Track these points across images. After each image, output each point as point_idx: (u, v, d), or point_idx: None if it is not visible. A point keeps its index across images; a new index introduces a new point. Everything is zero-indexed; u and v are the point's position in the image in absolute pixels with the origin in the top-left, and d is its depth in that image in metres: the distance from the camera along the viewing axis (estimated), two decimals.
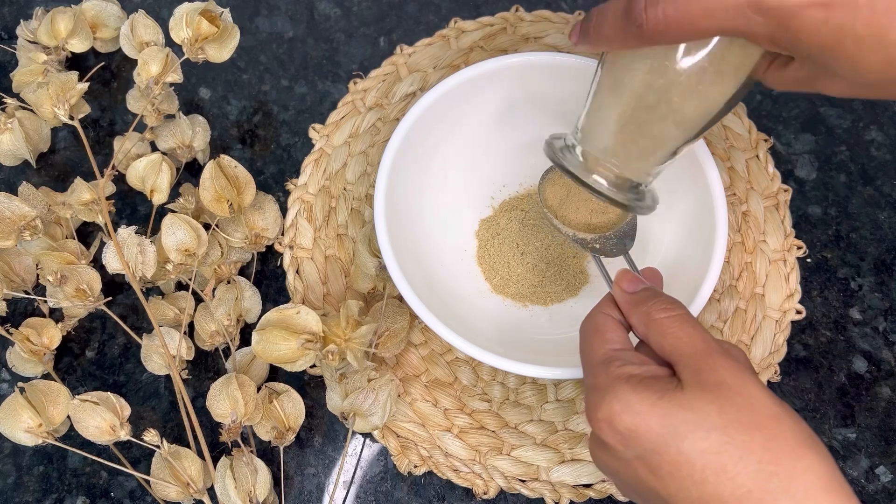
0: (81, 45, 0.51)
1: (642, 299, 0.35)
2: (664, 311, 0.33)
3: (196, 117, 0.50)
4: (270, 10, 0.57)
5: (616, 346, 0.34)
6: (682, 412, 0.29)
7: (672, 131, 0.35)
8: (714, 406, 0.29)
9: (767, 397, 0.30)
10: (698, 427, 0.29)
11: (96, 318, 0.49)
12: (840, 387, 0.47)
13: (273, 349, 0.41)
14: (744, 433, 0.29)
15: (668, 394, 0.30)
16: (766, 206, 0.50)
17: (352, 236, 0.50)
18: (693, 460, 0.29)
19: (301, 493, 0.46)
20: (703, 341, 0.32)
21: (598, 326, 0.35)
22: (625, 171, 0.37)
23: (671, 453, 0.29)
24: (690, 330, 0.32)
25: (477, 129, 0.49)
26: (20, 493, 0.46)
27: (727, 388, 0.30)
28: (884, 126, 0.53)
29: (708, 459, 0.29)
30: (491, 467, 0.45)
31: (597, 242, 0.42)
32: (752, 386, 0.30)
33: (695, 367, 0.31)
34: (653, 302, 0.34)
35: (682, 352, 0.32)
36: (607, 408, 0.31)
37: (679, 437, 0.29)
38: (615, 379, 0.32)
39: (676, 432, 0.29)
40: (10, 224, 0.43)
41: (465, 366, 0.48)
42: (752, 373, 0.31)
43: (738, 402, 0.29)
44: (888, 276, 0.49)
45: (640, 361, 0.33)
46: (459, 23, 0.55)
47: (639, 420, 0.30)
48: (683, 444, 0.29)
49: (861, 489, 0.45)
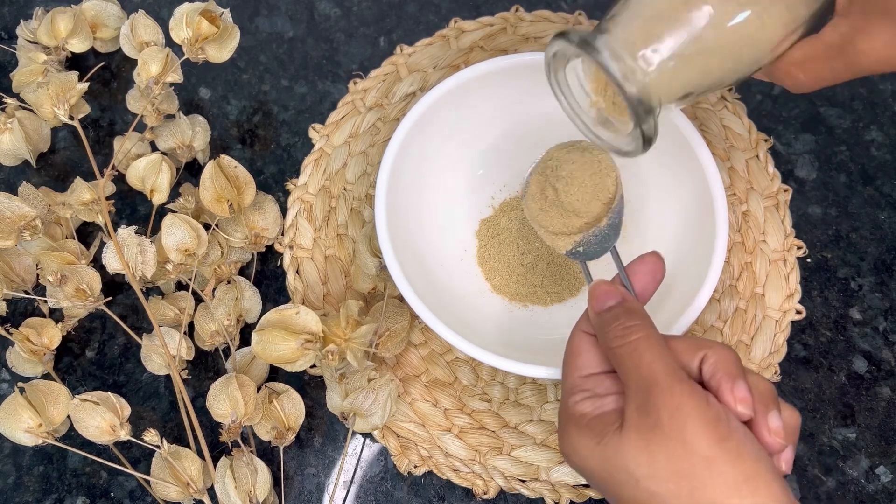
0: (81, 45, 0.51)
1: (605, 322, 0.34)
2: (618, 338, 0.33)
3: (196, 117, 0.50)
4: (270, 10, 0.57)
5: (585, 372, 0.34)
6: (616, 458, 0.30)
7: (728, 64, 0.34)
8: (645, 455, 0.29)
9: (703, 438, 0.29)
10: (630, 476, 0.30)
11: (96, 318, 0.49)
12: (840, 387, 0.47)
13: (273, 349, 0.41)
14: (671, 483, 0.29)
15: (606, 438, 0.31)
16: (766, 206, 0.50)
17: (352, 236, 0.50)
18: (636, 499, 0.30)
19: (301, 493, 0.46)
20: (654, 372, 0.31)
21: (573, 349, 0.36)
22: (647, 84, 0.33)
23: (615, 493, 0.31)
24: (645, 359, 0.31)
25: (477, 129, 0.49)
26: (20, 493, 0.46)
27: (661, 432, 0.29)
28: (884, 126, 0.53)
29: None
30: (491, 467, 0.45)
31: (580, 246, 0.41)
32: (690, 427, 0.29)
33: (638, 404, 0.31)
34: (611, 328, 0.33)
35: (632, 386, 0.31)
36: (562, 446, 0.34)
37: (616, 482, 0.30)
38: (568, 418, 0.33)
39: (612, 477, 0.30)
40: (10, 224, 0.43)
41: (465, 366, 0.48)
42: (698, 407, 0.29)
43: (670, 447, 0.29)
44: (888, 276, 0.49)
45: (601, 391, 0.33)
46: (459, 23, 0.55)
47: (584, 463, 0.32)
48: (620, 488, 0.30)
49: (861, 489, 0.45)
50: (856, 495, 0.45)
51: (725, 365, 0.32)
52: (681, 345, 0.33)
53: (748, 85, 0.54)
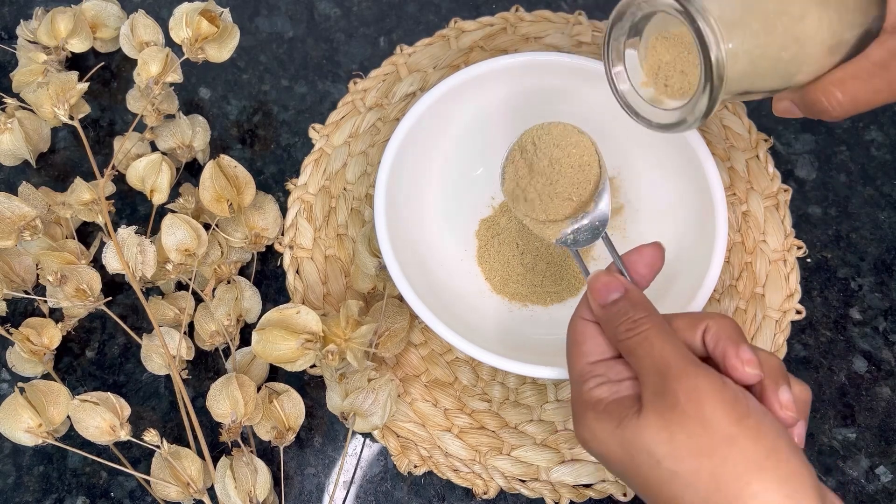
0: (81, 45, 0.51)
1: (613, 316, 0.34)
2: (629, 330, 0.33)
3: (196, 117, 0.50)
4: (270, 10, 0.57)
5: (593, 358, 0.34)
6: (637, 440, 0.30)
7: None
8: (665, 434, 0.30)
9: (723, 417, 0.29)
10: (650, 456, 0.30)
11: (96, 318, 0.49)
12: (840, 387, 0.47)
13: (273, 349, 0.41)
14: (692, 461, 0.29)
15: (625, 421, 0.31)
16: (766, 206, 0.50)
17: (352, 236, 0.50)
18: (651, 485, 0.30)
19: (301, 493, 0.46)
20: (667, 358, 0.31)
21: (577, 337, 0.35)
22: (722, 56, 0.32)
23: (635, 475, 0.31)
24: (656, 347, 0.32)
25: (477, 129, 0.49)
26: (20, 493, 0.46)
27: (681, 412, 0.29)
28: (884, 126, 0.53)
29: (662, 488, 0.30)
30: (491, 467, 0.45)
31: (571, 234, 0.40)
32: (709, 406, 0.29)
33: (654, 388, 0.31)
34: (620, 321, 0.33)
35: (645, 372, 0.32)
36: (579, 433, 0.33)
37: (636, 465, 0.30)
38: (583, 404, 0.33)
39: (633, 460, 0.30)
40: (10, 224, 0.43)
41: (465, 366, 0.48)
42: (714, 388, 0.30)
43: (690, 427, 0.29)
44: (888, 276, 0.49)
45: (614, 377, 0.33)
46: (459, 23, 0.55)
47: (603, 448, 0.32)
48: (640, 470, 0.30)
49: (861, 489, 0.45)
50: (856, 495, 0.45)
51: (727, 332, 0.32)
52: (682, 322, 0.34)
53: None
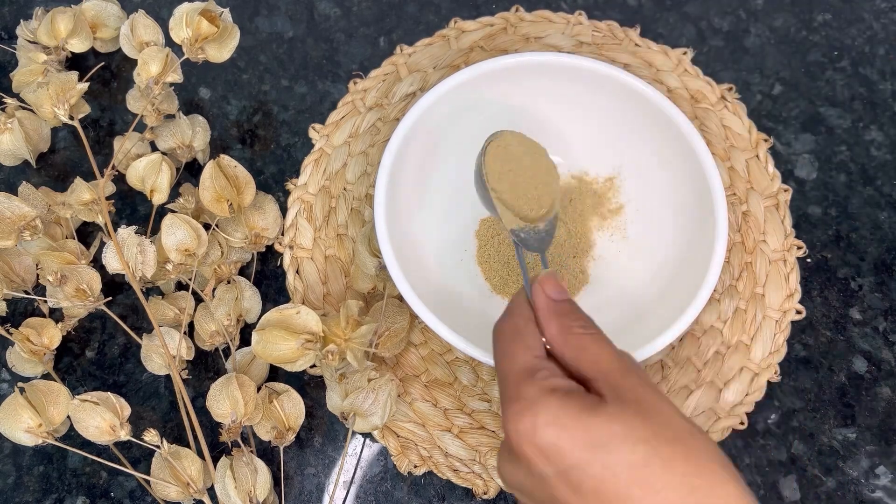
0: (81, 45, 0.51)
1: (565, 311, 0.34)
2: (583, 327, 0.33)
3: (196, 117, 0.50)
4: (270, 10, 0.57)
5: (537, 353, 0.33)
6: (609, 424, 0.29)
7: None
8: (639, 419, 0.29)
9: (680, 415, 0.30)
10: (626, 439, 0.29)
11: (96, 318, 0.49)
12: (840, 387, 0.47)
13: (273, 349, 0.41)
14: (668, 446, 0.29)
15: (592, 407, 0.30)
16: (766, 206, 0.50)
17: (352, 236, 0.50)
18: (618, 475, 0.28)
19: (301, 493, 0.46)
20: (619, 360, 0.32)
21: (520, 330, 0.34)
22: None
23: (595, 468, 0.29)
24: (608, 349, 0.32)
25: (477, 129, 0.49)
26: (20, 493, 0.46)
27: (647, 404, 0.30)
28: (884, 126, 0.53)
29: (634, 474, 0.28)
30: (491, 467, 0.45)
31: (522, 232, 0.39)
32: (666, 404, 0.30)
33: (613, 384, 0.31)
34: (574, 316, 0.33)
35: (601, 368, 0.31)
36: (531, 421, 0.30)
37: (606, 450, 0.29)
38: (542, 391, 0.31)
39: (603, 445, 0.29)
40: (10, 224, 0.43)
41: (465, 366, 0.48)
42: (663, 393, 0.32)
43: (658, 418, 0.29)
44: (888, 276, 0.49)
45: (561, 373, 0.32)
46: (459, 23, 0.55)
47: (564, 435, 0.29)
48: (610, 457, 0.29)
49: (861, 489, 0.45)
50: (856, 495, 0.45)
51: None
52: None
53: (748, 85, 0.54)
